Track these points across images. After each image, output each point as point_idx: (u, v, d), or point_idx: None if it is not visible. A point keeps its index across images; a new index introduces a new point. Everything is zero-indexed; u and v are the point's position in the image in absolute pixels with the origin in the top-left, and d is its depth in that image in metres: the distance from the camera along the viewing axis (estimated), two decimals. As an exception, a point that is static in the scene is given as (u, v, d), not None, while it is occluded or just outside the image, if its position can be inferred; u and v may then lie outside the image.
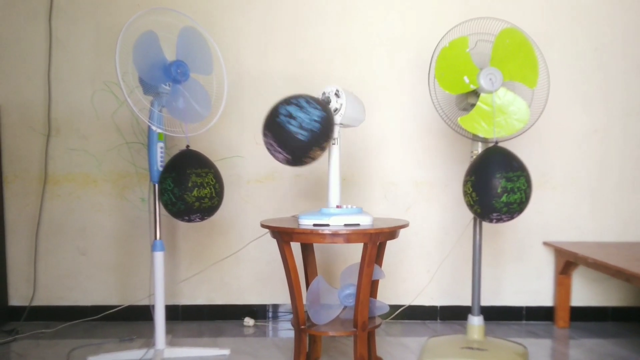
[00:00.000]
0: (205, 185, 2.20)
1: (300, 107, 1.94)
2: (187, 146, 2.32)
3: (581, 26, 3.03)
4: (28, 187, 2.98)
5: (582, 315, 3.08)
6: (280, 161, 2.00)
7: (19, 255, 3.00)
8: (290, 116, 1.92)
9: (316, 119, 1.93)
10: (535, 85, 2.38)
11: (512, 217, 2.24)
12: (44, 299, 3.01)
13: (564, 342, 2.76)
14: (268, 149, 2.00)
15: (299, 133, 1.91)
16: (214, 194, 2.25)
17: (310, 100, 1.97)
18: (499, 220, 2.24)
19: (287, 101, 1.96)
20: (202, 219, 2.29)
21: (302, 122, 1.92)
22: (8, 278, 2.99)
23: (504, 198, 2.17)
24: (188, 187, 2.18)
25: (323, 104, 2.00)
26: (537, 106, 2.42)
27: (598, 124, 3.06)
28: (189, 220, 2.27)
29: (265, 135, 1.99)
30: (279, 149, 1.95)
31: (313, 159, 1.99)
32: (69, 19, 2.95)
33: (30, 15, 2.94)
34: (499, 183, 2.17)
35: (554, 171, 3.06)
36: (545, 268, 3.08)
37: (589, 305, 3.09)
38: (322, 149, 1.98)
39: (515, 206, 2.19)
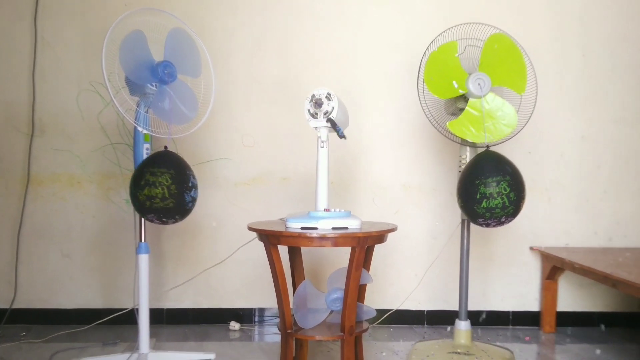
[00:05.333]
0: (157, 184, 2.14)
1: None
2: (165, 147, 2.27)
3: (569, 32, 3.05)
4: (10, 187, 2.93)
5: (568, 321, 3.09)
6: None
7: (0, 256, 2.94)
8: None
9: None
10: (524, 90, 2.38)
11: (500, 222, 2.22)
12: (25, 302, 2.95)
13: (550, 347, 2.77)
14: None
15: None
16: (166, 195, 2.15)
17: None
18: (487, 225, 2.23)
19: None
20: (159, 220, 2.20)
21: None
22: (-11, 280, 2.94)
23: (484, 204, 2.16)
24: (140, 184, 2.14)
25: None
26: (525, 111, 2.43)
27: (586, 130, 3.07)
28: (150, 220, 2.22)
29: None
30: None
31: None
32: (55, 19, 2.91)
33: (15, 15, 2.90)
34: (477, 189, 2.16)
35: (542, 176, 3.07)
36: (532, 273, 3.08)
37: (575, 310, 3.10)
38: None
39: (498, 211, 2.16)
